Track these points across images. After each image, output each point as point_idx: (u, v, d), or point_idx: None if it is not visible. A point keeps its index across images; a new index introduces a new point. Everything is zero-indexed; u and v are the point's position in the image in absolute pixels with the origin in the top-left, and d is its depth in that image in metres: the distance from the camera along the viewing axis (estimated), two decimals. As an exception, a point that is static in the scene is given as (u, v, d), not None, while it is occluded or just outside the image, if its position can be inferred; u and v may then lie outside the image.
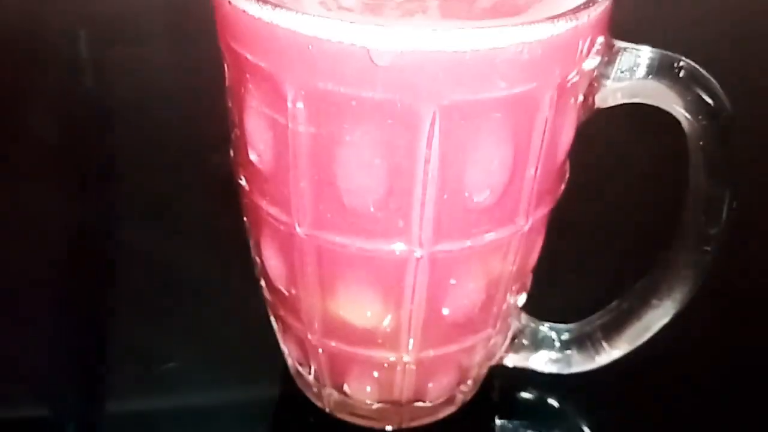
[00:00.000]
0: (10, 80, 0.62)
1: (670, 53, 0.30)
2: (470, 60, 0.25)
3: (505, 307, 0.35)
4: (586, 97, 0.30)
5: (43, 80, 0.63)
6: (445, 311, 0.32)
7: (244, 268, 0.36)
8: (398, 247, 0.29)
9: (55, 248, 0.48)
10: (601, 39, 0.29)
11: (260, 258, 0.34)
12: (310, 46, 0.25)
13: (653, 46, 0.30)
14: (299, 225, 0.30)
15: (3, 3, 0.71)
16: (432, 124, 0.26)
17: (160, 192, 0.52)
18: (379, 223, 0.29)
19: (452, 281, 0.31)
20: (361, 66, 0.25)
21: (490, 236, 0.30)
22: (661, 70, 0.30)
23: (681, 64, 0.30)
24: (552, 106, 0.28)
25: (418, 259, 0.30)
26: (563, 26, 0.26)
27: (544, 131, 0.28)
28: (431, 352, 0.34)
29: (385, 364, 0.34)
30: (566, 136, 0.31)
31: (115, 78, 0.65)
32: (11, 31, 0.67)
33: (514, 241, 0.31)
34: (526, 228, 0.31)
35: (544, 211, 0.32)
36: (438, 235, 0.29)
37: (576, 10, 0.26)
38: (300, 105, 0.27)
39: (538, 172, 0.29)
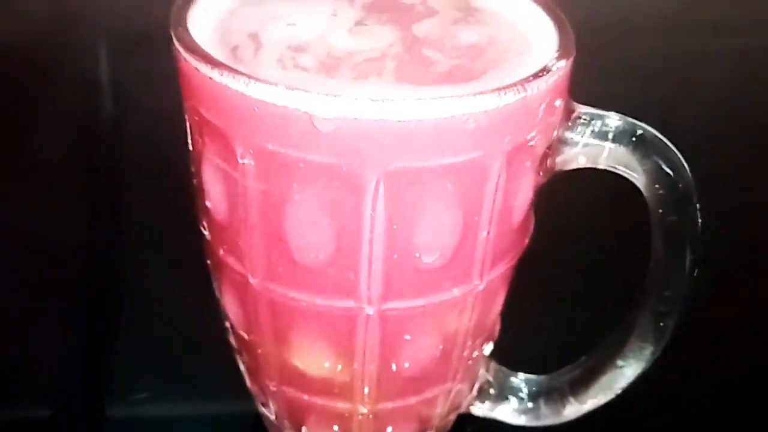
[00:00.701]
0: (25, 91, 0.63)
1: (631, 120, 0.30)
2: (414, 129, 0.25)
3: (466, 358, 0.35)
4: (545, 160, 0.30)
5: (60, 92, 0.64)
6: (401, 365, 0.32)
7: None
8: (348, 304, 0.29)
9: (47, 266, 0.48)
10: (559, 102, 0.29)
11: (222, 303, 0.34)
12: (256, 109, 0.25)
13: (618, 111, 0.30)
14: (253, 276, 0.30)
15: (22, 14, 0.72)
16: (376, 188, 0.26)
17: (164, 217, 0.52)
18: (330, 280, 0.29)
19: (406, 336, 0.31)
20: (306, 130, 0.25)
21: (443, 296, 0.30)
22: (620, 137, 0.30)
23: (641, 132, 0.30)
24: (502, 172, 0.28)
25: (368, 316, 0.30)
26: (511, 97, 0.26)
27: (495, 196, 0.28)
28: (389, 404, 0.34)
29: (345, 414, 0.35)
30: (523, 198, 0.30)
31: (132, 91, 0.66)
32: (30, 42, 0.68)
33: (470, 299, 0.31)
34: (482, 287, 0.31)
35: (501, 269, 0.32)
36: (388, 293, 0.29)
37: (526, 80, 0.26)
38: (250, 162, 0.27)
39: (492, 234, 0.29)
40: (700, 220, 0.31)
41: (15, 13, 0.70)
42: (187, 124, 0.31)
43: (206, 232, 0.32)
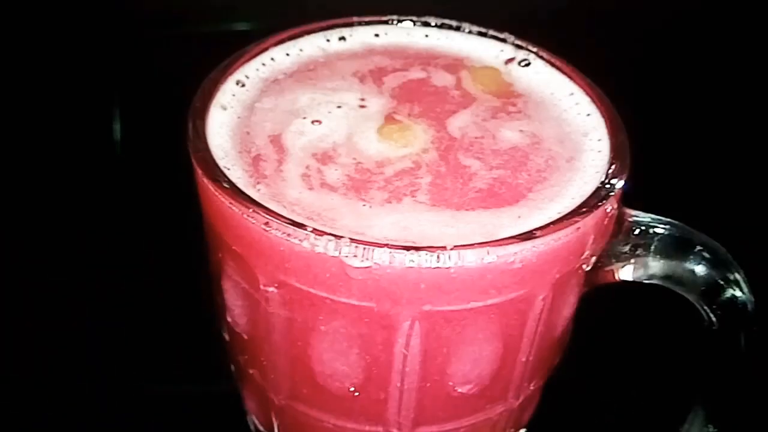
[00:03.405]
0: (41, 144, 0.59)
1: (689, 230, 0.27)
2: (455, 274, 0.23)
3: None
4: (592, 275, 0.28)
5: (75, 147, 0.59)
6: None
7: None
8: (377, 429, 0.27)
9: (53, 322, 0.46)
10: (610, 210, 0.26)
11: (246, 403, 0.32)
12: (281, 248, 0.23)
13: (675, 216, 0.28)
14: (275, 393, 0.28)
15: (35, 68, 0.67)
16: (411, 326, 0.24)
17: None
18: (357, 404, 0.27)
19: (437, 451, 0.29)
20: (335, 273, 0.23)
21: (477, 417, 0.28)
22: (677, 251, 0.27)
23: (699, 247, 0.27)
24: (547, 300, 0.25)
25: (397, 440, 0.28)
26: (562, 234, 0.23)
27: (539, 323, 0.26)
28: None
29: None
30: (566, 313, 0.28)
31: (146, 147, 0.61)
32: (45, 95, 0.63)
33: (505, 413, 0.29)
34: (517, 404, 0.29)
35: (538, 383, 0.30)
36: (419, 419, 0.27)
37: (579, 213, 0.24)
38: (273, 290, 0.25)
39: (532, 357, 0.27)
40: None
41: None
42: (205, 227, 0.28)
43: (225, 335, 0.30)
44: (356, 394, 0.27)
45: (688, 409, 0.31)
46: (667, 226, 0.27)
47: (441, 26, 0.33)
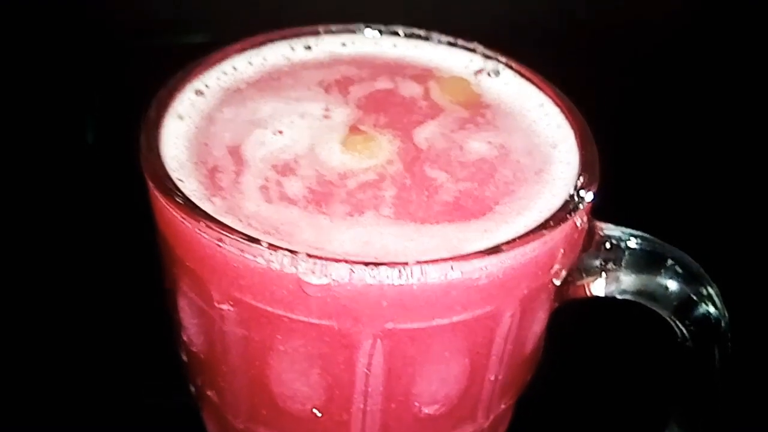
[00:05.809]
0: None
1: (661, 244, 0.26)
2: (418, 290, 0.22)
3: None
4: (563, 290, 0.27)
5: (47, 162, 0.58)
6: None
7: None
8: (339, 452, 0.26)
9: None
10: (580, 223, 0.25)
11: (206, 426, 0.31)
12: (234, 264, 0.22)
13: (648, 230, 0.27)
14: (234, 416, 0.27)
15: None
16: (372, 345, 0.23)
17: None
18: (319, 427, 0.26)
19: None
20: (291, 290, 0.22)
21: (445, 438, 0.27)
22: (649, 265, 0.26)
23: (671, 262, 0.26)
24: (516, 317, 0.24)
25: (362, 463, 0.27)
26: (529, 248, 0.22)
27: (507, 340, 0.25)
28: None
29: None
30: (536, 329, 0.27)
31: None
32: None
33: (475, 434, 0.28)
34: (488, 424, 0.28)
35: (509, 402, 0.29)
36: (385, 441, 0.26)
37: (547, 226, 0.23)
38: (228, 307, 0.24)
39: (501, 375, 0.26)
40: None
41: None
42: (159, 244, 0.27)
43: (183, 355, 0.29)
44: (318, 415, 0.25)
45: (663, 425, 0.30)
46: (639, 240, 0.27)
47: (410, 36, 0.32)
